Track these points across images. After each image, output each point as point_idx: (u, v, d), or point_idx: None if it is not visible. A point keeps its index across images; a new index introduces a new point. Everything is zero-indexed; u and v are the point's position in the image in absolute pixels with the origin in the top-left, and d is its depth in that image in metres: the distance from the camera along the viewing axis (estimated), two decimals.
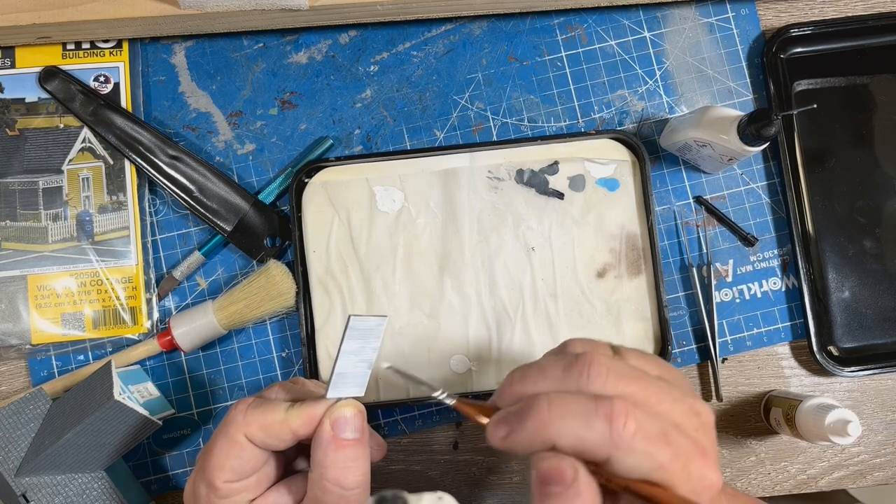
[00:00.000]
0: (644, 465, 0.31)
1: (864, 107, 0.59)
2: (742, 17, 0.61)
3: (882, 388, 0.59)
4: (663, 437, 0.32)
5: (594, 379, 0.33)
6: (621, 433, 0.31)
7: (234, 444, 0.38)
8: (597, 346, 0.36)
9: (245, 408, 0.38)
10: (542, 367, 0.35)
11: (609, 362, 0.34)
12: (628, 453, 0.31)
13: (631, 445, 0.31)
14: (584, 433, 0.31)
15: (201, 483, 0.38)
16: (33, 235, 0.57)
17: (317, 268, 0.57)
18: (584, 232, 0.57)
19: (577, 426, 0.31)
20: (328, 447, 0.37)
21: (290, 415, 0.38)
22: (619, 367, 0.34)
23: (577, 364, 0.34)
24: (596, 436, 0.31)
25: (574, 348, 0.36)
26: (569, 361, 0.34)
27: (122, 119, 0.57)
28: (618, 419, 0.31)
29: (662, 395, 0.33)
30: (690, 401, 0.34)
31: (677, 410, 0.33)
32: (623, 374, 0.33)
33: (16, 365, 0.58)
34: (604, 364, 0.33)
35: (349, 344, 0.37)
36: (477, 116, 0.60)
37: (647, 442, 0.31)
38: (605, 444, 0.31)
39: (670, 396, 0.33)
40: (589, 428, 0.31)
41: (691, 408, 0.34)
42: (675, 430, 0.32)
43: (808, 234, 0.58)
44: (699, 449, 0.32)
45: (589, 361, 0.33)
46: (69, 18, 0.54)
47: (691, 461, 0.32)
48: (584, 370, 0.33)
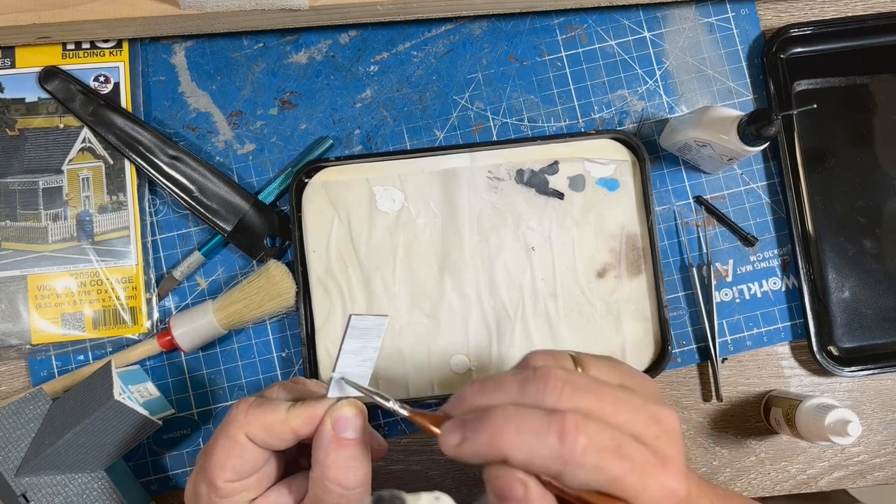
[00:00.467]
0: (596, 478, 0.31)
1: (864, 107, 0.59)
2: (742, 17, 0.61)
3: (882, 388, 0.59)
4: (616, 449, 0.31)
5: (550, 393, 0.33)
6: (572, 448, 0.31)
7: (235, 443, 0.38)
8: (557, 359, 0.36)
9: (246, 407, 0.38)
10: (500, 380, 0.34)
11: (566, 376, 0.33)
12: (578, 468, 0.31)
13: (581, 460, 0.31)
14: (536, 448, 0.31)
15: (202, 482, 0.38)
16: (33, 235, 0.57)
17: (317, 268, 0.57)
18: (584, 232, 0.57)
19: (529, 441, 0.31)
20: (329, 446, 0.37)
21: (291, 414, 0.38)
22: (575, 379, 0.33)
23: (533, 378, 0.33)
24: (547, 451, 0.31)
25: (534, 362, 0.36)
26: (525, 376, 0.34)
27: (122, 119, 0.57)
28: (568, 434, 0.31)
29: (621, 405, 0.33)
30: (652, 408, 0.34)
31: (637, 420, 0.33)
32: (579, 386, 0.33)
33: (16, 365, 0.58)
34: (560, 378, 0.33)
35: (350, 343, 0.37)
36: (477, 116, 0.60)
37: (598, 456, 0.31)
38: (555, 460, 0.31)
39: (629, 406, 0.33)
40: (541, 443, 0.31)
41: (652, 416, 0.33)
42: (632, 440, 0.32)
43: (808, 234, 0.58)
44: (659, 458, 0.32)
45: (545, 375, 0.33)
46: (69, 18, 0.54)
47: (648, 472, 0.32)
48: (541, 385, 0.33)
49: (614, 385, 0.34)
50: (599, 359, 0.37)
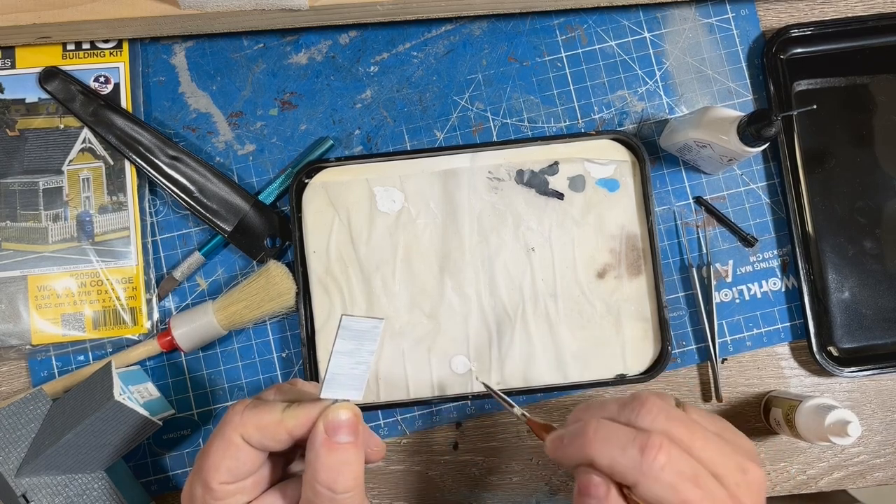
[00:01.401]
0: (668, 497, 0.34)
1: (864, 107, 0.60)
2: (742, 17, 0.61)
3: (882, 389, 0.59)
4: (694, 477, 0.34)
5: (644, 416, 0.36)
6: (651, 463, 0.34)
7: (230, 444, 0.38)
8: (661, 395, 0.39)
9: (242, 409, 0.38)
10: (604, 402, 0.39)
11: (663, 405, 0.37)
12: (654, 482, 0.34)
13: (658, 476, 0.34)
14: (618, 457, 0.35)
15: (198, 484, 0.38)
16: (33, 236, 0.57)
17: (317, 268, 0.57)
18: (584, 232, 0.57)
19: (612, 450, 0.35)
20: (321, 449, 0.37)
21: (287, 415, 0.38)
22: (671, 410, 0.37)
23: (632, 402, 0.38)
24: (627, 461, 0.34)
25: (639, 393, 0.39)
26: (626, 400, 0.38)
27: (123, 119, 0.57)
28: (651, 450, 0.34)
29: (710, 445, 0.36)
30: (740, 458, 0.36)
31: (722, 462, 0.35)
32: (673, 417, 0.36)
33: (16, 365, 0.58)
34: (656, 405, 0.37)
35: (342, 344, 0.37)
36: (477, 117, 0.60)
37: (674, 476, 0.34)
38: (634, 470, 0.34)
39: (718, 449, 0.36)
40: (623, 453, 0.35)
41: (739, 465, 0.36)
42: (712, 477, 0.35)
43: (807, 234, 0.58)
44: (733, 500, 0.35)
45: (643, 400, 0.37)
46: (69, 18, 0.54)
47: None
48: (637, 406, 0.37)
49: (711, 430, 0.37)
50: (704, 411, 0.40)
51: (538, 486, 0.58)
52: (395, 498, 0.58)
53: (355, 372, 0.38)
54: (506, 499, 0.58)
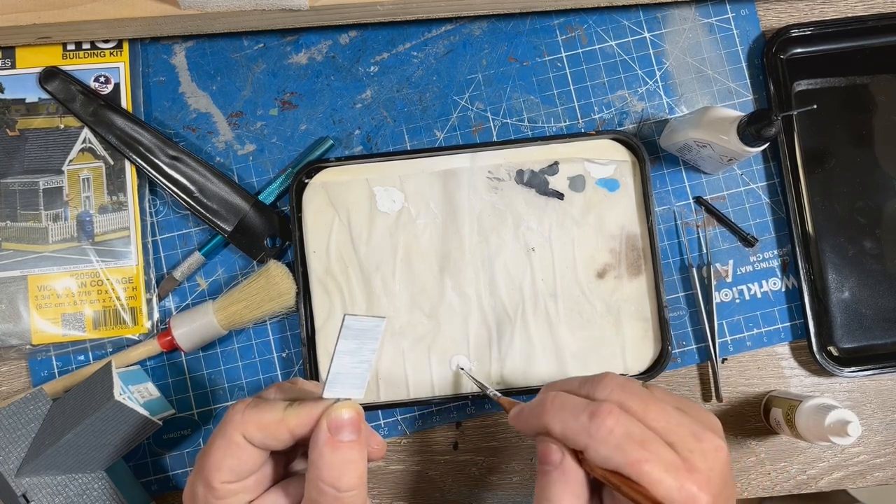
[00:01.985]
0: (615, 458, 0.36)
1: (864, 107, 0.60)
2: (742, 17, 0.61)
3: (882, 389, 0.59)
4: (641, 441, 0.36)
5: (601, 389, 0.39)
6: (599, 426, 0.36)
7: (232, 443, 0.38)
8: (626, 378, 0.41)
9: (243, 408, 0.38)
10: (569, 378, 0.42)
11: (623, 380, 0.39)
12: (601, 444, 0.36)
13: (605, 438, 0.36)
14: (569, 422, 0.38)
15: (199, 483, 0.38)
16: (34, 236, 0.57)
17: (317, 268, 0.57)
18: (584, 232, 0.57)
19: (564, 416, 0.38)
20: (324, 448, 0.37)
21: (288, 414, 0.38)
22: (629, 384, 0.39)
23: (592, 378, 0.40)
24: (577, 426, 0.37)
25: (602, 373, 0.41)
26: (588, 377, 0.41)
27: (123, 119, 0.57)
28: (599, 415, 0.37)
29: (664, 415, 0.38)
30: (697, 428, 0.37)
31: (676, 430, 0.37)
32: (631, 390, 0.38)
33: (16, 365, 0.58)
34: (616, 380, 0.39)
35: (345, 343, 0.37)
36: (477, 117, 0.60)
37: (621, 439, 0.36)
38: (583, 434, 0.37)
39: (673, 419, 0.38)
40: (574, 419, 0.38)
41: (693, 433, 0.37)
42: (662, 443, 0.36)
43: (808, 234, 0.58)
44: (686, 465, 0.36)
45: (603, 376, 0.40)
46: (69, 18, 0.54)
47: (670, 470, 0.35)
48: (596, 381, 0.40)
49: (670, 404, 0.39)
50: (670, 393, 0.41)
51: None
52: (395, 498, 0.58)
53: (357, 371, 0.38)
54: (506, 499, 0.58)
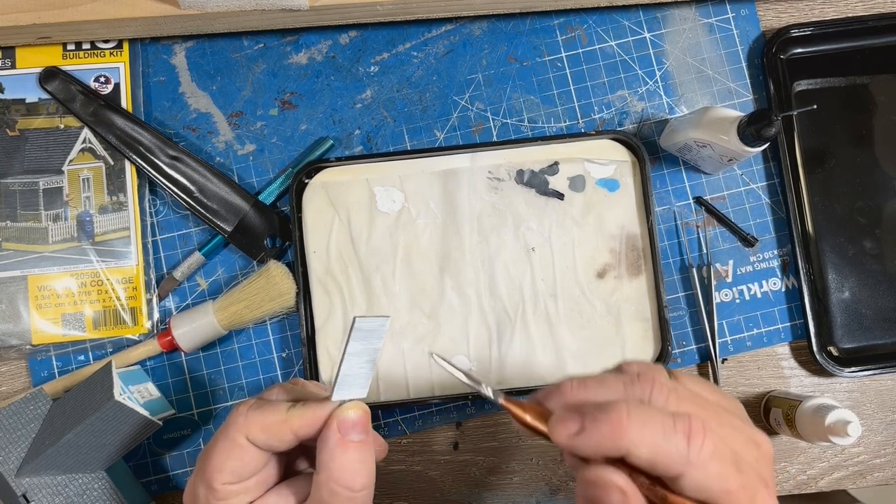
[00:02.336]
0: (714, 487, 0.31)
1: (864, 107, 0.60)
2: (742, 17, 0.61)
3: (882, 389, 0.59)
4: (735, 462, 0.31)
5: (657, 396, 0.33)
6: (699, 451, 0.30)
7: (235, 445, 0.38)
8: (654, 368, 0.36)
9: (246, 409, 0.38)
10: (602, 379, 0.34)
11: (670, 383, 0.34)
12: (703, 473, 0.30)
13: (706, 465, 0.30)
14: (662, 445, 0.30)
15: (200, 484, 0.38)
16: (34, 236, 0.57)
17: (317, 268, 0.57)
18: (584, 232, 0.57)
19: (655, 437, 0.30)
20: (335, 449, 0.37)
21: (292, 415, 0.38)
22: (679, 388, 0.34)
23: (639, 381, 0.33)
24: (672, 449, 0.30)
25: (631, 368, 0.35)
26: (630, 377, 0.34)
27: (123, 119, 0.57)
28: (696, 437, 0.30)
29: (723, 421, 0.33)
30: (749, 430, 0.34)
31: (738, 439, 0.33)
32: (683, 396, 0.33)
33: (16, 365, 0.58)
34: (665, 384, 0.33)
35: (354, 346, 0.37)
36: (477, 117, 0.60)
37: (721, 465, 0.31)
38: (680, 460, 0.30)
39: (730, 424, 0.33)
40: (667, 441, 0.30)
41: (750, 438, 0.34)
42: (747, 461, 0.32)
43: (808, 234, 0.58)
44: (762, 481, 0.32)
45: (651, 380, 0.33)
46: (69, 18, 0.54)
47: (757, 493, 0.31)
48: (648, 387, 0.33)
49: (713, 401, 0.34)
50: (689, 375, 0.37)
51: (538, 486, 0.58)
52: (395, 498, 0.58)
53: (363, 371, 0.38)
54: (506, 499, 0.58)
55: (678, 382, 0.35)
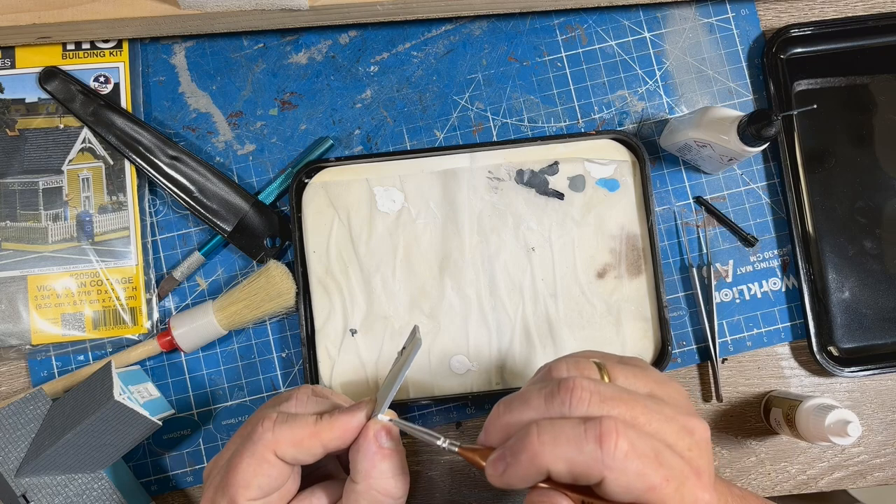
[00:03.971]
0: (637, 485, 0.31)
1: (864, 107, 0.59)
2: (742, 17, 0.61)
3: (882, 389, 0.59)
4: (656, 457, 0.31)
5: (577, 404, 0.33)
6: (613, 453, 0.30)
7: (263, 461, 0.37)
8: (581, 368, 0.35)
9: (271, 424, 0.38)
10: (525, 396, 0.34)
11: (592, 386, 0.33)
12: (621, 474, 0.30)
13: (623, 466, 0.30)
14: (576, 456, 0.31)
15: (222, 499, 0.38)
16: (33, 236, 0.57)
17: (317, 268, 0.57)
18: (584, 232, 0.57)
19: (567, 450, 0.31)
20: (375, 457, 0.37)
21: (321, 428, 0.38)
22: (603, 389, 0.33)
23: (559, 391, 0.33)
24: (587, 458, 0.30)
25: (559, 372, 0.35)
26: (550, 389, 0.33)
27: (122, 119, 0.57)
28: (608, 439, 0.30)
29: (651, 414, 0.33)
30: (683, 419, 0.33)
31: (669, 430, 0.33)
32: (607, 396, 0.33)
33: (16, 365, 0.58)
34: (586, 388, 0.33)
35: (410, 361, 0.39)
36: (477, 117, 0.60)
37: (639, 461, 0.30)
38: (596, 466, 0.30)
39: (661, 416, 0.33)
40: (580, 451, 0.31)
41: (684, 427, 0.33)
42: (668, 449, 0.32)
43: (808, 234, 0.58)
44: (692, 469, 0.32)
45: (570, 386, 0.33)
46: (69, 18, 0.54)
47: (684, 482, 0.31)
48: (567, 396, 0.33)
49: (643, 394, 0.34)
50: (626, 365, 0.36)
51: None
52: None
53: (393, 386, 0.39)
54: (506, 499, 0.58)
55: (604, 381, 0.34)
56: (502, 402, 0.35)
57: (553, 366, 0.36)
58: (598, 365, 0.36)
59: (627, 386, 0.35)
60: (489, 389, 0.56)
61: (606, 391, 0.33)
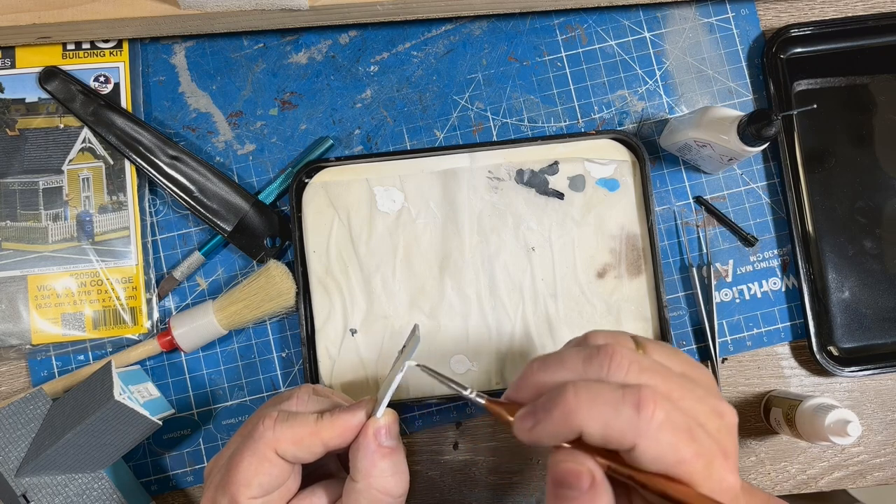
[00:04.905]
0: (668, 457, 0.30)
1: (864, 107, 0.60)
2: (742, 17, 0.61)
3: (882, 388, 0.59)
4: (689, 431, 0.31)
5: (616, 370, 0.32)
6: (649, 421, 0.30)
7: (264, 460, 0.38)
8: (619, 338, 0.35)
9: (272, 423, 0.38)
10: (562, 357, 0.34)
11: (631, 355, 0.33)
12: (654, 443, 0.30)
13: (658, 435, 0.30)
14: (612, 419, 0.30)
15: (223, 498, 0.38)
16: (33, 235, 0.57)
17: (317, 268, 0.57)
18: (584, 232, 0.57)
19: (604, 412, 0.31)
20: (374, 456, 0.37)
21: (322, 427, 0.38)
22: (641, 360, 0.33)
23: (598, 355, 0.33)
24: (623, 422, 0.30)
25: (596, 340, 0.35)
26: (590, 352, 0.33)
27: (123, 119, 0.57)
28: (646, 407, 0.30)
29: (685, 391, 0.33)
30: (714, 401, 0.33)
31: (700, 409, 0.33)
32: (645, 367, 0.33)
33: (16, 365, 0.58)
34: (626, 356, 0.33)
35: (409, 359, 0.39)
36: (477, 117, 0.60)
37: (673, 433, 0.30)
38: (631, 432, 0.30)
39: (693, 395, 0.33)
40: (616, 414, 0.30)
41: (714, 408, 0.33)
42: (700, 428, 0.32)
43: (808, 234, 0.58)
44: (721, 450, 0.32)
45: (610, 352, 0.33)
46: (69, 18, 0.54)
47: (713, 461, 0.31)
48: (606, 361, 0.33)
49: (677, 372, 0.34)
50: (659, 344, 0.36)
51: (538, 485, 0.58)
52: None
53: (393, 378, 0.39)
54: (506, 499, 0.58)
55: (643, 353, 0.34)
56: (537, 360, 0.35)
57: (590, 334, 0.36)
58: (634, 339, 0.36)
59: (662, 362, 0.34)
60: (489, 389, 0.56)
61: (644, 362, 0.33)
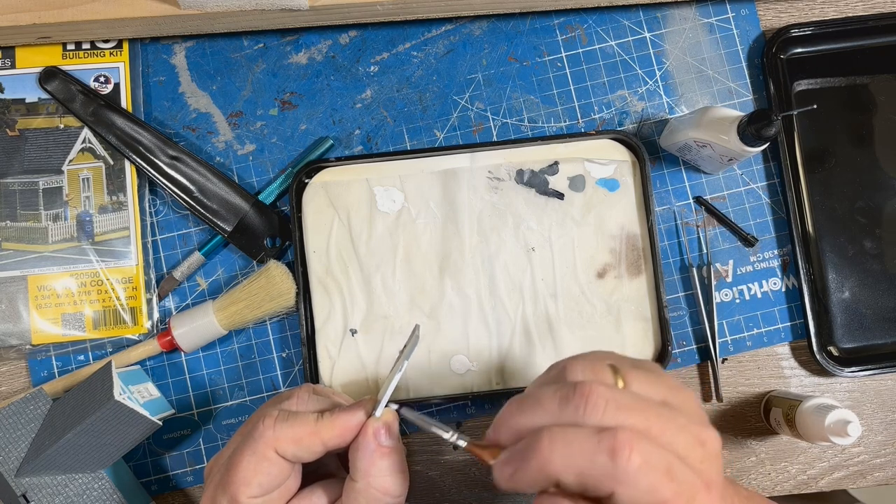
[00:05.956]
0: (647, 500, 0.30)
1: (864, 107, 0.59)
2: (742, 17, 0.61)
3: (882, 388, 0.59)
4: (668, 471, 0.30)
5: (591, 412, 0.32)
6: (625, 467, 0.30)
7: (264, 459, 0.38)
8: (597, 371, 0.34)
9: (272, 422, 0.38)
10: (539, 399, 0.33)
11: (608, 393, 0.32)
12: (632, 489, 0.30)
13: (635, 480, 0.30)
14: (587, 468, 0.30)
15: (223, 497, 0.38)
16: (33, 236, 0.57)
17: (317, 268, 0.57)
18: (584, 232, 0.57)
19: (579, 462, 0.30)
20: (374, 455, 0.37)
21: (322, 426, 0.38)
22: (618, 397, 0.32)
23: (574, 396, 0.32)
24: (599, 470, 0.30)
25: (574, 374, 0.35)
26: (565, 392, 0.33)
27: (123, 119, 0.57)
28: (621, 453, 0.30)
29: (666, 424, 0.32)
30: (696, 429, 0.33)
31: (682, 440, 0.32)
32: (623, 404, 0.32)
33: (16, 365, 0.58)
34: (602, 395, 0.32)
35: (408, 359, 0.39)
36: (477, 117, 0.60)
37: (651, 476, 0.30)
38: (608, 479, 0.30)
39: (674, 425, 0.32)
40: (592, 463, 0.30)
41: (696, 437, 0.33)
42: (680, 462, 0.31)
43: (808, 234, 0.58)
44: (703, 482, 0.31)
45: (586, 392, 0.32)
46: (69, 18, 0.54)
47: (695, 496, 0.31)
48: (582, 403, 0.32)
49: (657, 402, 0.33)
50: (641, 370, 0.35)
51: None
52: None
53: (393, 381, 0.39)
54: (506, 499, 0.58)
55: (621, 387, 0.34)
56: (514, 402, 0.34)
57: (568, 366, 0.35)
58: (613, 368, 0.35)
59: (641, 392, 0.34)
60: (489, 389, 0.56)
61: (622, 399, 0.32)
